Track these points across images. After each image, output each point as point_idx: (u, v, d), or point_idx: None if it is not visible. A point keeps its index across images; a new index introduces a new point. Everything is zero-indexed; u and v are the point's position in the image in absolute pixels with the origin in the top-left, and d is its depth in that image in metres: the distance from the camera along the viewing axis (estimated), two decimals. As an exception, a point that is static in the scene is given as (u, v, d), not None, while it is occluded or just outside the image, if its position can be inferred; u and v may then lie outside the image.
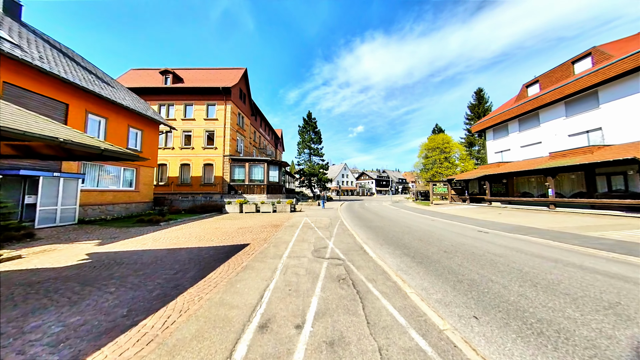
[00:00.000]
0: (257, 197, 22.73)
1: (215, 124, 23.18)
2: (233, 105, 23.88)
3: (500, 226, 11.17)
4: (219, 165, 22.79)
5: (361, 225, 11.54)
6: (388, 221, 13.19)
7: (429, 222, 12.68)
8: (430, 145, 36.05)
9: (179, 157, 22.77)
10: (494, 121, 23.82)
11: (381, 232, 9.53)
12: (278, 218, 14.18)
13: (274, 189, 24.14)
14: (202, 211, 16.19)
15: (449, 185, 27.91)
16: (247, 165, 23.06)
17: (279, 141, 45.48)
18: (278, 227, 10.71)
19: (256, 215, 15.80)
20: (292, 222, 12.48)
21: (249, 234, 8.91)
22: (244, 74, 27.03)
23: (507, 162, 22.26)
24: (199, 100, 23.33)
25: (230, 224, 11.48)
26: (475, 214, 16.52)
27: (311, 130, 37.54)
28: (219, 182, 22.57)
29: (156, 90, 22.86)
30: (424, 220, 13.57)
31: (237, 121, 24.94)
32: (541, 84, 20.31)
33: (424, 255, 6.09)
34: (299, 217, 14.89)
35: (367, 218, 14.80)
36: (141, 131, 16.10)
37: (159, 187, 22.41)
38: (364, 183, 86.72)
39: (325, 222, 12.29)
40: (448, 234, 9.30)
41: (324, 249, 6.55)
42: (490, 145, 25.09)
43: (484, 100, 41.22)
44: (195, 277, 4.37)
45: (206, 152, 22.91)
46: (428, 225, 11.53)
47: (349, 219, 14.16)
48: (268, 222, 12.17)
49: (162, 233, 9.20)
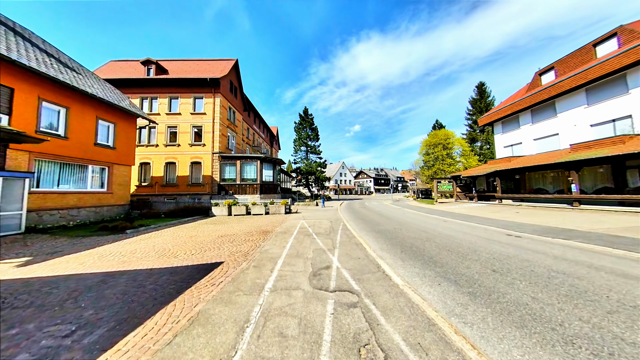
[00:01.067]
0: (249, 197, 20.73)
1: (203, 119, 21.12)
2: (222, 98, 21.82)
3: (529, 228, 9.41)
4: (208, 164, 20.75)
5: (368, 230, 9.62)
6: (397, 223, 11.30)
7: (444, 224, 10.82)
8: (431, 141, 34.28)
9: (164, 155, 20.67)
10: (504, 113, 22.06)
11: (395, 239, 7.62)
12: (270, 222, 12.21)
13: (268, 188, 22.16)
14: (185, 214, 14.15)
15: (454, 183, 26.15)
16: (238, 163, 21.05)
17: (274, 139, 43.44)
18: (268, 233, 8.74)
19: (245, 218, 13.82)
20: (285, 226, 10.52)
21: (229, 245, 6.93)
22: (235, 65, 24.97)
23: (518, 157, 20.52)
24: (185, 93, 21.24)
25: (210, 231, 9.49)
26: (489, 213, 14.72)
27: (308, 126, 35.54)
28: (208, 181, 20.53)
29: (137, 81, 20.72)
30: (436, 222, 11.71)
31: (227, 116, 22.89)
32: (557, 70, 18.57)
33: (469, 278, 4.18)
34: (294, 219, 12.94)
35: (373, 220, 12.90)
36: (114, 124, 14.01)
37: (141, 188, 20.30)
38: (362, 182, 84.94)
39: (325, 226, 10.35)
40: (476, 239, 7.44)
41: (326, 270, 4.61)
42: (499, 139, 23.34)
43: (486, 95, 39.60)
44: (97, 344, 2.40)
45: (193, 149, 20.85)
46: (445, 228, 9.66)
47: (352, 222, 12.25)
48: (257, 227, 10.19)
49: (119, 245, 7.19)
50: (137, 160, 20.49)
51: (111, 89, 15.07)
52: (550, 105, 18.28)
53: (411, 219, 13.27)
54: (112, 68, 22.78)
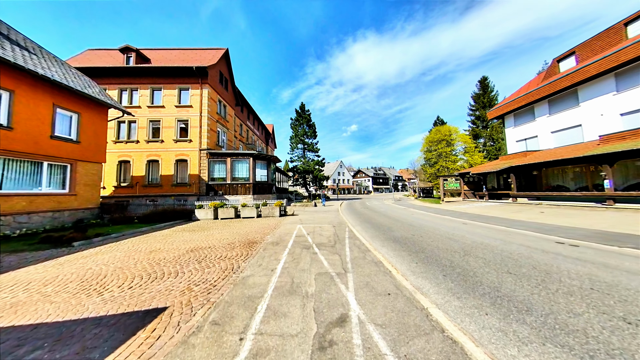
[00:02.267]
0: (241, 198, 18.65)
1: (190, 112, 18.97)
2: (211, 89, 19.69)
3: (575, 232, 7.62)
4: (195, 161, 18.61)
5: (382, 238, 7.62)
6: (411, 228, 9.31)
7: (467, 228, 8.88)
8: (435, 137, 32.44)
9: (145, 152, 18.49)
10: (516, 104, 20.24)
11: (422, 253, 5.64)
12: (261, 227, 10.16)
13: (262, 188, 20.09)
14: (162, 219, 12.02)
15: (461, 181, 24.30)
16: (229, 160, 18.94)
17: (270, 137, 41.31)
18: (255, 245, 6.70)
19: (233, 223, 11.74)
20: (279, 233, 8.48)
21: (194, 267, 4.87)
22: (225, 55, 22.83)
23: (534, 151, 18.70)
24: (169, 84, 19.07)
25: (182, 242, 7.41)
26: (509, 214, 12.83)
27: (305, 123, 33.46)
28: (195, 181, 18.40)
29: (115, 71, 18.50)
30: (455, 225, 9.76)
31: (217, 109, 20.75)
32: (579, 55, 16.76)
33: (604, 342, 2.18)
34: (290, 224, 10.90)
35: (382, 224, 10.91)
36: (77, 114, 11.85)
37: (120, 189, 18.10)
38: (361, 181, 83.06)
39: (327, 234, 8.33)
40: (526, 251, 5.56)
41: (340, 328, 2.59)
42: (511, 132, 21.52)
43: (490, 89, 37.90)
44: None
45: (179, 145, 18.70)
46: (473, 234, 7.71)
47: (358, 226, 10.25)
48: (243, 236, 8.12)
49: (43, 268, 5.11)
50: (116, 158, 18.31)
51: (77, 75, 12.89)
52: (572, 93, 16.47)
53: (424, 221, 11.31)
54: (88, 57, 20.51)
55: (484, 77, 38.78)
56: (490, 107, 38.04)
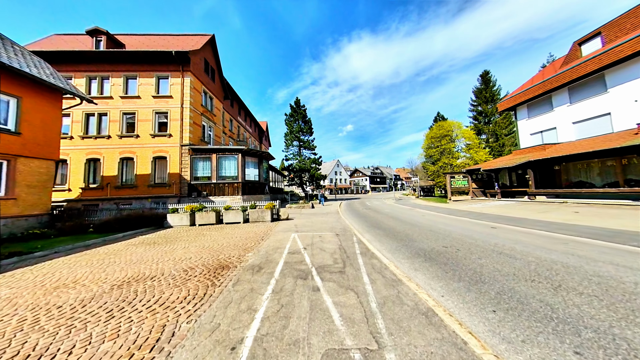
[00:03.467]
0: (229, 199, 16.37)
1: (170, 103, 16.62)
2: (194, 78, 17.37)
3: None
4: (175, 159, 16.26)
5: (410, 255, 5.47)
6: (436, 235, 7.18)
7: (505, 235, 6.79)
8: (437, 133, 30.54)
9: (118, 149, 16.07)
10: (530, 94, 18.38)
11: (488, 285, 3.50)
12: (244, 237, 7.94)
13: (253, 188, 17.82)
14: (124, 226, 9.66)
15: (469, 178, 22.39)
16: (214, 157, 16.64)
17: (264, 135, 38.97)
18: (223, 274, 4.48)
19: (211, 230, 9.47)
20: (265, 249, 6.27)
21: (95, 327, 2.66)
22: (211, 42, 20.51)
23: (553, 144, 16.84)
24: (146, 71, 16.69)
25: (122, 265, 5.14)
26: (536, 214, 10.84)
27: (300, 118, 31.22)
28: (176, 180, 16.05)
29: (81, 55, 16.04)
30: (486, 231, 7.68)
31: (201, 101, 18.43)
32: (605, 36, 14.92)
33: None
34: (282, 232, 8.70)
35: (396, 229, 8.76)
36: (17, 99, 9.47)
37: (88, 192, 15.64)
38: (358, 180, 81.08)
39: (331, 248, 6.15)
40: (617, 273, 3.40)
41: None
42: (524, 125, 19.66)
43: (492, 84, 36.22)
44: None
45: (157, 141, 16.33)
46: (522, 244, 5.63)
47: (368, 233, 8.10)
48: (213, 255, 5.86)
49: None
50: (83, 155, 15.86)
51: (20, 52, 10.48)
52: (598, 79, 14.62)
53: (444, 224, 9.20)
54: (53, 42, 17.98)
55: (486, 71, 37.09)
56: (492, 102, 36.39)
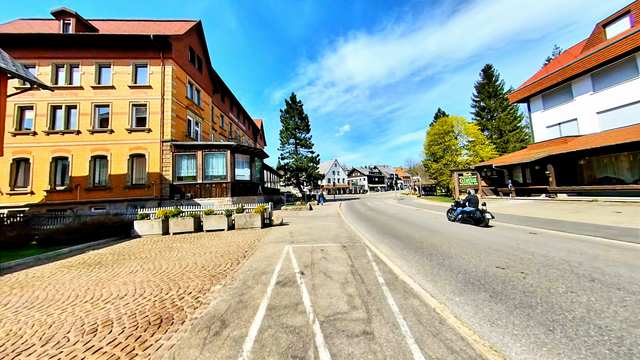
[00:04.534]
0: (216, 201, 14.46)
1: (148, 94, 14.66)
2: (177, 67, 15.43)
3: None
4: (155, 157, 14.31)
5: (461, 285, 3.61)
6: (473, 248, 5.36)
7: (560, 245, 4.97)
8: (441, 129, 28.86)
9: (89, 146, 14.06)
10: (546, 83, 16.74)
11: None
12: (220, 254, 6.05)
13: (244, 188, 15.92)
14: (80, 238, 7.69)
15: (477, 175, 20.73)
16: (200, 154, 14.71)
17: (258, 133, 37.00)
18: (153, 338, 2.60)
19: (185, 241, 7.56)
20: (243, 275, 4.38)
21: None
22: (197, 29, 18.56)
23: (576, 137, 15.20)
24: (121, 58, 14.71)
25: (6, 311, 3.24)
26: (569, 215, 9.09)
27: (296, 115, 29.33)
28: (156, 181, 14.09)
29: (46, 40, 14.01)
30: (528, 238, 5.86)
31: (186, 93, 16.48)
32: (634, 15, 13.31)
33: None
34: (273, 243, 6.82)
35: (415, 238, 6.93)
36: (-62, 79, 7.47)
37: (55, 195, 13.61)
38: (356, 180, 79.36)
39: (340, 271, 4.29)
40: None
41: None
42: (539, 117, 18.02)
43: (494, 78, 34.73)
44: None
45: (134, 137, 14.36)
46: (606, 262, 3.79)
47: (383, 244, 6.25)
48: (164, 288, 3.91)
49: None
50: (49, 154, 13.83)
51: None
52: (628, 62, 13.00)
53: (470, 230, 7.40)
54: (16, 27, 15.88)
55: (488, 66, 35.61)
56: (495, 97, 34.90)
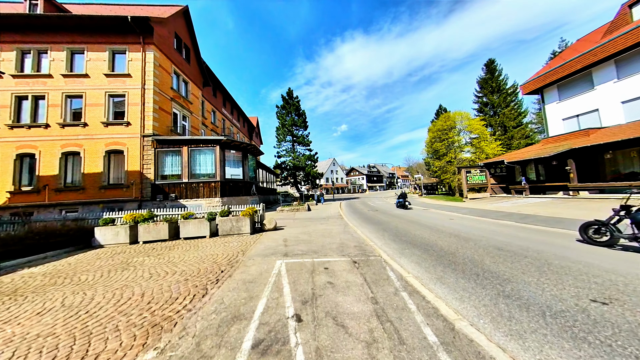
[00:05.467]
0: (204, 202, 12.91)
1: (128, 84, 13.05)
2: (160, 54, 13.83)
3: None
4: (135, 153, 12.71)
5: (572, 351, 2.14)
6: (527, 262, 3.86)
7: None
8: (444, 125, 27.49)
9: (60, 141, 12.44)
10: (563, 72, 15.39)
11: None
12: (186, 277, 4.50)
13: (236, 188, 14.37)
14: (23, 250, 6.09)
15: (486, 173, 19.37)
16: (185, 150, 13.14)
17: (254, 131, 35.39)
18: None
19: (151, 255, 6.00)
20: (202, 324, 2.88)
21: None
22: (184, 15, 16.96)
23: (598, 129, 13.87)
24: (96, 43, 13.08)
25: None
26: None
27: (293, 111, 27.78)
28: (136, 180, 12.51)
29: (8, 21, 12.34)
30: (584, 247, 4.38)
31: (171, 83, 14.88)
32: (667, -7, 12.01)
33: None
34: (259, 259, 5.31)
35: (443, 248, 5.44)
36: None
37: (20, 196, 11.97)
38: (355, 179, 77.98)
39: (358, 317, 2.80)
40: None
41: None
42: (554, 109, 16.68)
43: (497, 73, 33.46)
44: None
45: (111, 131, 12.75)
46: None
47: (407, 260, 4.74)
48: (63, 350, 2.46)
49: None
50: (13, 150, 12.20)
51: None
52: (660, 45, 11.68)
53: (506, 236, 5.94)
54: (-20, 9, 14.16)
55: (491, 60, 34.35)
56: (499, 92, 33.66)
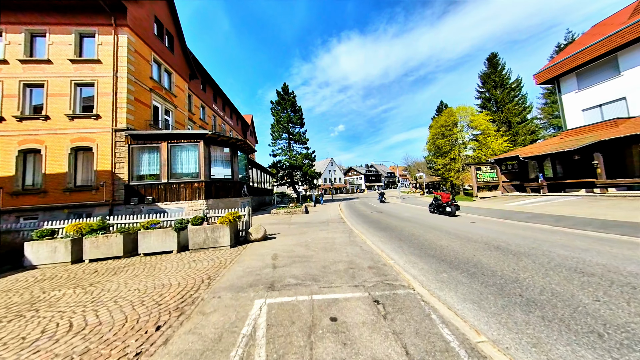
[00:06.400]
0: (186, 205, 11.24)
1: (97, 71, 11.33)
2: (136, 37, 12.14)
3: None
4: (106, 150, 11.00)
5: None
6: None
7: None
8: (448, 121, 26.01)
9: (16, 137, 10.68)
10: (584, 58, 13.94)
11: None
12: (99, 337, 2.85)
13: (224, 188, 12.69)
14: None
15: (497, 169, 17.89)
16: (164, 146, 11.45)
17: (248, 129, 33.65)
18: None
19: (81, 284, 4.31)
20: None
21: None
22: (167, -2, 15.25)
23: (627, 119, 12.43)
24: (60, 24, 11.34)
25: None
26: None
27: (289, 107, 26.11)
28: (107, 181, 10.79)
29: (-48, -3, 10.56)
30: None
31: (150, 72, 13.18)
32: None
33: None
34: (229, 296, 3.65)
35: (498, 270, 3.84)
36: None
37: (-33, 201, 10.16)
38: (353, 179, 76.44)
39: None
40: None
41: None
42: (572, 100, 15.23)
43: (500, 67, 32.12)
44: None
45: (77, 124, 11.02)
46: None
47: (471, 300, 3.10)
48: None
49: None
50: (-41, 147, 10.38)
51: None
52: (702, 21, 10.25)
53: (565, 248, 4.34)
54: None
55: (493, 54, 33.03)
56: (502, 87, 32.33)
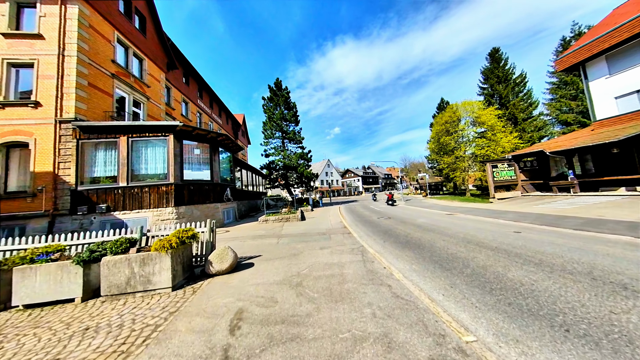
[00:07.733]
0: (151, 214, 8.92)
1: (37, 48, 9.05)
2: (90, 10, 9.88)
3: None
4: (47, 146, 8.66)
5: None
6: None
7: None
8: (453, 117, 24.13)
9: None
10: (614, 38, 12.08)
11: None
12: None
13: (200, 192, 10.39)
14: None
15: (515, 167, 15.92)
16: (124, 141, 9.14)
17: (239, 129, 31.35)
18: None
19: None
20: None
21: None
22: (136, -29, 13.02)
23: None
24: (-10, -9, 9.03)
25: None
26: None
27: (282, 103, 23.91)
28: (48, 185, 8.43)
29: None
30: None
31: (112, 55, 10.90)
32: None
33: None
34: None
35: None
36: None
37: None
38: (350, 181, 74.37)
39: None
40: None
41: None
42: (602, 86, 13.36)
43: (503, 62, 30.58)
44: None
45: (10, 114, 8.69)
46: None
47: None
48: None
49: None
50: None
51: None
52: None
53: None
54: None
55: (495, 49, 31.48)
56: (506, 82, 30.69)
